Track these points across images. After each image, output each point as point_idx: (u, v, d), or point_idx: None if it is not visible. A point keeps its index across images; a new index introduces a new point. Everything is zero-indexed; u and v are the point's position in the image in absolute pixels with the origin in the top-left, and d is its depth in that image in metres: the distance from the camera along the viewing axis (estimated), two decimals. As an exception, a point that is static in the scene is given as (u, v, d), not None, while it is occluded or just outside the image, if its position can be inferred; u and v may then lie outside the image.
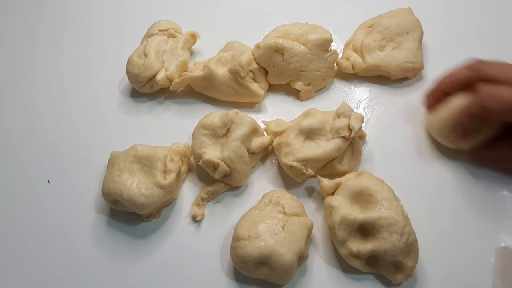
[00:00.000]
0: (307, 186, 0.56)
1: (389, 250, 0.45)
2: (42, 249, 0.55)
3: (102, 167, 0.59)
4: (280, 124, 0.57)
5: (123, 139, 0.59)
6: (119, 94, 0.68)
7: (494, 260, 0.48)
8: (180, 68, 0.64)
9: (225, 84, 0.61)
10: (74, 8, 0.82)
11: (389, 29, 0.62)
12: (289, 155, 0.52)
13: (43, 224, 0.57)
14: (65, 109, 0.67)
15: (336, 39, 0.67)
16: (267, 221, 0.48)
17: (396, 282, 0.47)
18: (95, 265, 0.53)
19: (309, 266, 0.50)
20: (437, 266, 0.49)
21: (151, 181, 0.52)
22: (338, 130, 0.52)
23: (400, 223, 0.45)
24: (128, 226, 0.55)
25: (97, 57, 0.73)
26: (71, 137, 0.64)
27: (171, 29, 0.68)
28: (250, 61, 0.60)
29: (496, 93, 0.46)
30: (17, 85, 0.72)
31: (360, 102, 0.62)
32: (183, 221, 0.55)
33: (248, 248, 0.46)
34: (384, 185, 0.49)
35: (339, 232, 0.47)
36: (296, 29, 0.63)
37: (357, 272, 0.49)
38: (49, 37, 0.78)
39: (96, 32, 0.77)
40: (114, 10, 0.80)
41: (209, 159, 0.52)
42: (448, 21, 0.70)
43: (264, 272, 0.46)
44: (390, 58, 0.61)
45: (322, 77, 0.62)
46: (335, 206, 0.48)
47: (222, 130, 0.55)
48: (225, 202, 0.56)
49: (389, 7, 0.67)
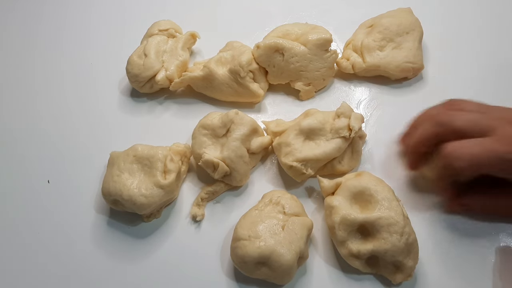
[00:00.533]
0: (307, 186, 0.56)
1: (389, 250, 0.45)
2: (42, 249, 0.55)
3: (102, 167, 0.59)
4: (280, 124, 0.57)
5: (123, 139, 0.59)
6: (119, 94, 0.68)
7: (494, 260, 0.48)
8: (180, 68, 0.64)
9: (225, 84, 0.61)
10: (74, 8, 0.82)
11: (389, 29, 0.62)
12: (289, 155, 0.52)
13: (43, 224, 0.57)
14: (65, 109, 0.67)
15: (336, 39, 0.67)
16: (267, 221, 0.48)
17: (396, 282, 0.47)
18: (95, 265, 0.53)
19: (309, 266, 0.50)
20: (437, 266, 0.49)
21: (151, 181, 0.52)
22: (338, 130, 0.52)
23: (400, 223, 0.45)
24: (128, 226, 0.55)
25: (97, 57, 0.73)
26: (71, 137, 0.64)
27: (171, 29, 0.68)
28: (250, 61, 0.60)
29: (460, 150, 0.44)
30: (17, 85, 0.72)
31: (360, 102, 0.63)
32: (183, 221, 0.55)
33: (248, 248, 0.46)
34: (384, 185, 0.49)
35: (339, 232, 0.47)
36: (296, 29, 0.63)
37: (357, 272, 0.49)
38: (49, 37, 0.78)
39: (96, 32, 0.77)
40: (114, 10, 0.80)
41: (209, 159, 0.52)
42: (448, 21, 0.70)
43: (264, 272, 0.46)
44: (390, 58, 0.61)
45: (322, 77, 0.62)
46: (335, 206, 0.48)
47: (222, 130, 0.55)
48: (225, 202, 0.56)
49: (389, 7, 0.67)
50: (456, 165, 0.44)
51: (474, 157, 0.43)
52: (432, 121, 0.48)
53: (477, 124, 0.44)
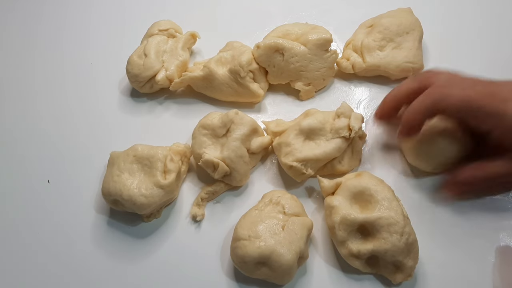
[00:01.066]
0: (307, 186, 0.56)
1: (389, 250, 0.45)
2: (42, 249, 0.55)
3: (102, 167, 0.59)
4: (280, 124, 0.57)
5: (123, 139, 0.59)
6: (119, 94, 0.68)
7: (494, 260, 0.48)
8: (180, 68, 0.64)
9: (225, 84, 0.61)
10: (74, 8, 0.82)
11: (389, 29, 0.62)
12: (289, 155, 0.52)
13: (43, 224, 0.57)
14: (65, 109, 0.67)
15: (336, 39, 0.67)
16: (267, 221, 0.48)
17: (396, 282, 0.47)
18: (95, 265, 0.53)
19: (309, 266, 0.50)
20: (437, 266, 0.49)
21: (151, 181, 0.52)
22: (338, 130, 0.52)
23: (400, 223, 0.45)
24: (128, 226, 0.55)
25: (97, 57, 0.73)
26: (71, 137, 0.64)
27: (171, 29, 0.68)
28: (250, 61, 0.60)
29: (448, 91, 0.45)
30: (17, 85, 0.72)
31: (360, 102, 0.62)
32: (183, 221, 0.55)
33: (248, 248, 0.46)
34: (384, 185, 0.49)
35: (339, 232, 0.47)
36: (296, 29, 0.63)
37: (357, 272, 0.49)
38: (49, 37, 0.78)
39: (96, 32, 0.77)
40: (114, 10, 0.80)
41: (209, 159, 0.52)
42: (448, 21, 0.70)
43: (264, 272, 0.46)
44: (390, 58, 0.61)
45: (322, 77, 0.62)
46: (335, 206, 0.48)
47: (222, 130, 0.55)
48: (225, 202, 0.56)
49: (389, 7, 0.67)
50: (445, 103, 0.45)
51: (466, 96, 0.45)
52: (413, 79, 0.50)
53: (460, 82, 0.47)
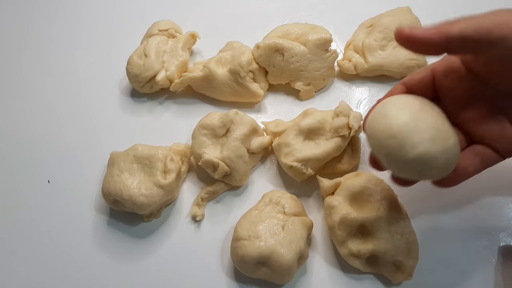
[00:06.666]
0: (307, 186, 0.56)
1: (389, 250, 0.45)
2: (42, 249, 0.55)
3: (102, 167, 0.59)
4: (279, 125, 0.57)
5: (123, 139, 0.59)
6: (119, 94, 0.68)
7: (494, 260, 0.48)
8: (180, 69, 0.64)
9: (225, 84, 0.61)
10: (74, 8, 0.82)
11: (390, 28, 0.62)
12: (289, 155, 0.52)
13: (43, 224, 0.57)
14: (65, 109, 0.67)
15: (336, 39, 0.67)
16: (267, 221, 0.48)
17: (396, 282, 0.47)
18: (95, 265, 0.53)
19: (309, 266, 0.50)
20: (437, 266, 0.49)
21: (151, 181, 0.52)
22: (337, 129, 0.52)
23: (400, 223, 0.45)
24: (128, 226, 0.55)
25: (97, 57, 0.73)
26: (71, 137, 0.64)
27: (171, 29, 0.68)
28: (250, 61, 0.60)
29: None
30: (17, 85, 0.72)
31: (360, 101, 0.62)
32: (183, 221, 0.55)
33: (248, 248, 0.46)
34: (384, 185, 0.49)
35: (339, 232, 0.47)
36: (296, 29, 0.62)
37: (357, 272, 0.49)
38: (49, 37, 0.78)
39: (96, 32, 0.77)
40: (115, 10, 0.80)
41: (209, 159, 0.52)
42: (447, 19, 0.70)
43: (264, 272, 0.46)
44: (392, 57, 0.61)
45: (322, 77, 0.62)
46: (335, 206, 0.48)
47: (222, 130, 0.55)
48: (225, 202, 0.56)
49: (389, 7, 0.67)
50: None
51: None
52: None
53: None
